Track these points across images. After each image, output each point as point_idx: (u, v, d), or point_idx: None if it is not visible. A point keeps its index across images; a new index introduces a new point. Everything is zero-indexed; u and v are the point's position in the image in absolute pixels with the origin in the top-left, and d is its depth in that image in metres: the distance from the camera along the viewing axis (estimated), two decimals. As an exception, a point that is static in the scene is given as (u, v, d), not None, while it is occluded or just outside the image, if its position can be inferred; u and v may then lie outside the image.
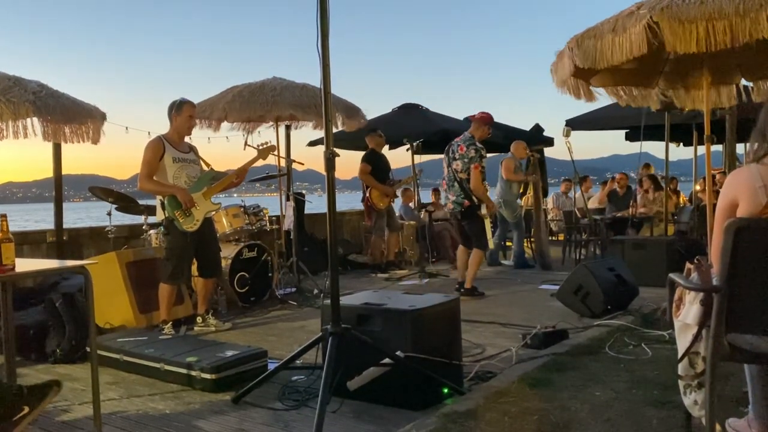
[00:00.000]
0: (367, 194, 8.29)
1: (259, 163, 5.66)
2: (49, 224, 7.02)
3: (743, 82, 5.54)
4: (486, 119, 6.53)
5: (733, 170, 2.69)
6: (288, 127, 7.78)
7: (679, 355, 2.43)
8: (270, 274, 6.56)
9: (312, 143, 11.00)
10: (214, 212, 5.38)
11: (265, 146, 5.57)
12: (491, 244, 6.46)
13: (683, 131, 10.05)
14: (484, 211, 6.37)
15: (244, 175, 5.49)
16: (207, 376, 3.62)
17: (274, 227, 7.29)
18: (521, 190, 9.16)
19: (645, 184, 9.65)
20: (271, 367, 3.72)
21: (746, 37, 3.79)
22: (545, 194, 12.72)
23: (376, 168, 8.34)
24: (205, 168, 5.37)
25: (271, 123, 7.47)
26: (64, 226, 6.73)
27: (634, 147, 10.14)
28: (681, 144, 11.96)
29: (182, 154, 5.15)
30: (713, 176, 8.89)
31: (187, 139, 5.29)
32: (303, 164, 7.70)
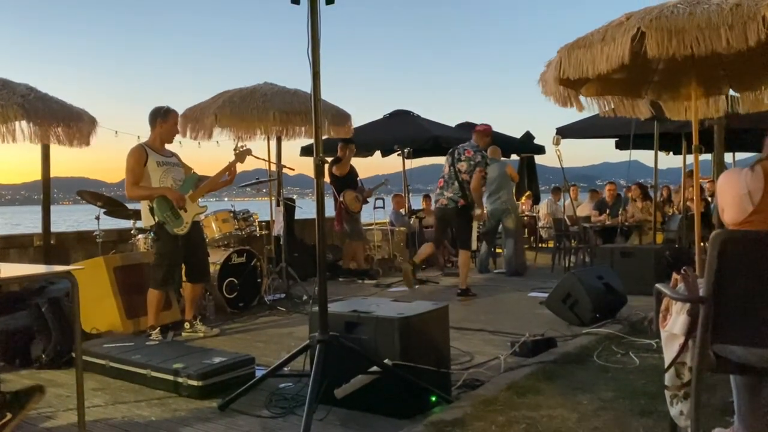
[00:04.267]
0: (341, 198, 8.25)
1: (250, 167, 5.65)
2: (36, 228, 6.97)
3: (731, 92, 5.58)
4: (487, 131, 7.14)
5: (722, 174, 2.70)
6: (279, 137, 7.75)
7: (666, 365, 2.44)
8: (259, 280, 6.54)
9: (304, 152, 10.99)
10: (202, 215, 5.36)
11: (241, 150, 5.54)
12: (473, 246, 6.81)
13: (672, 140, 10.12)
14: (478, 211, 6.81)
15: (235, 174, 5.47)
16: (194, 382, 3.60)
17: (263, 232, 7.26)
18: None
19: (634, 193, 9.69)
20: (259, 374, 3.71)
21: (734, 47, 3.82)
22: (537, 201, 12.79)
23: (346, 176, 8.34)
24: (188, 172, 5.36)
25: (262, 134, 7.44)
26: (53, 229, 6.68)
27: (624, 155, 10.21)
28: (670, 153, 12.04)
29: (165, 158, 5.15)
30: (701, 185, 8.96)
31: (167, 146, 5.27)
32: (293, 169, 7.69)
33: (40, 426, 3.22)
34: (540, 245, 11.73)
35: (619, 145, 11.14)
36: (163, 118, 5.12)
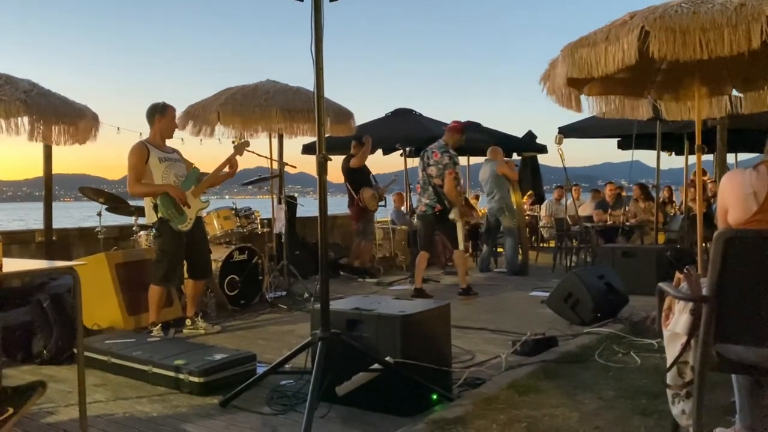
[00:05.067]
0: (360, 195, 8.26)
1: (252, 165, 5.66)
2: (38, 224, 6.99)
3: (734, 92, 5.58)
4: (459, 128, 6.86)
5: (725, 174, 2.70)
6: (281, 135, 7.75)
7: (668, 364, 2.44)
8: (260, 278, 6.54)
9: (306, 150, 10.98)
10: (204, 211, 5.37)
11: (240, 142, 5.55)
12: (461, 246, 6.71)
13: (674, 140, 10.10)
14: (452, 215, 6.59)
15: (236, 166, 5.47)
16: (195, 379, 3.60)
17: (265, 230, 7.27)
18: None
19: (635, 193, 9.67)
20: (260, 371, 3.70)
21: (738, 47, 3.81)
22: (541, 200, 12.78)
23: (360, 173, 8.35)
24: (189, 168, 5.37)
25: (264, 131, 7.45)
26: (53, 226, 6.69)
27: (626, 155, 10.21)
28: (672, 153, 12.02)
29: (167, 154, 5.15)
30: (704, 184, 8.94)
31: (168, 142, 5.27)
32: (295, 167, 7.70)
33: (42, 421, 3.22)
34: (541, 245, 11.72)
35: (621, 145, 11.13)
36: (161, 114, 5.12)
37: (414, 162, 8.80)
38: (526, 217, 11.76)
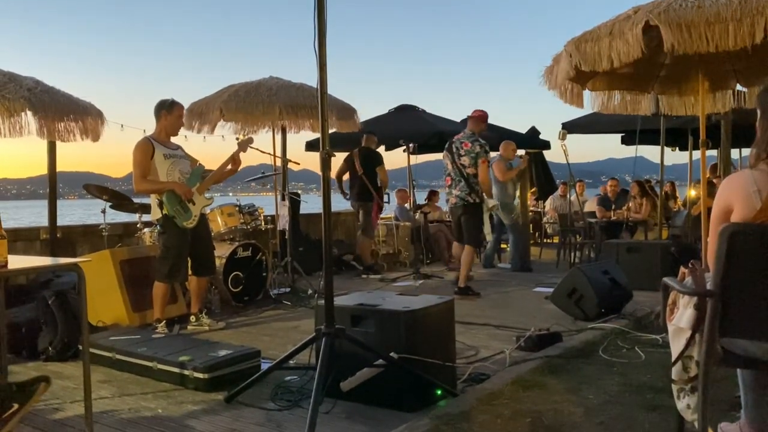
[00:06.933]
0: (383, 193, 8.32)
1: (255, 162, 5.66)
2: (40, 221, 7.00)
3: (738, 87, 5.55)
4: (483, 117, 6.89)
5: (727, 175, 2.70)
6: (284, 130, 7.75)
7: (673, 358, 2.44)
8: (264, 274, 6.55)
9: (309, 147, 10.98)
10: (208, 208, 5.38)
11: (243, 139, 5.56)
12: (489, 237, 6.67)
13: (679, 135, 10.08)
14: (492, 202, 6.69)
15: (239, 163, 5.47)
16: (200, 375, 3.61)
17: (269, 227, 7.28)
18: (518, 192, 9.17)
19: (632, 190, 9.64)
20: (265, 367, 3.71)
21: (742, 41, 3.80)
22: (547, 196, 12.74)
23: (375, 175, 8.37)
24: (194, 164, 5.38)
25: (267, 128, 7.45)
26: (58, 223, 6.71)
27: (630, 151, 10.18)
28: (677, 148, 11.98)
29: (172, 150, 5.16)
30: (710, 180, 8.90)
31: (172, 139, 5.28)
32: (299, 164, 7.70)
33: (48, 417, 3.24)
34: (545, 240, 11.70)
35: (625, 141, 11.10)
36: (168, 111, 5.13)
37: (417, 159, 8.76)
38: (530, 213, 11.74)
